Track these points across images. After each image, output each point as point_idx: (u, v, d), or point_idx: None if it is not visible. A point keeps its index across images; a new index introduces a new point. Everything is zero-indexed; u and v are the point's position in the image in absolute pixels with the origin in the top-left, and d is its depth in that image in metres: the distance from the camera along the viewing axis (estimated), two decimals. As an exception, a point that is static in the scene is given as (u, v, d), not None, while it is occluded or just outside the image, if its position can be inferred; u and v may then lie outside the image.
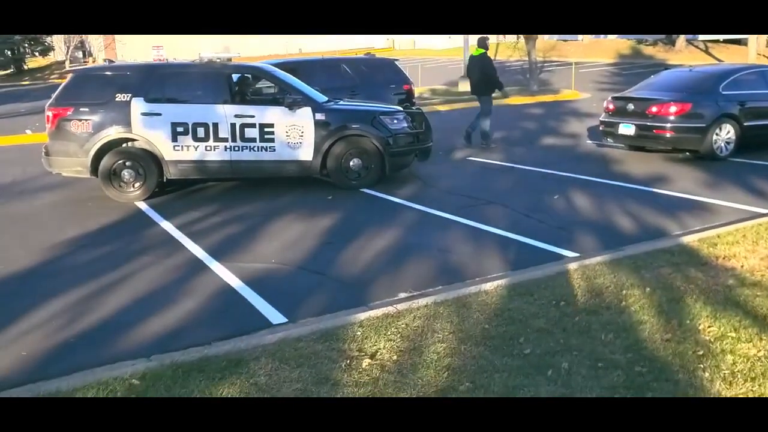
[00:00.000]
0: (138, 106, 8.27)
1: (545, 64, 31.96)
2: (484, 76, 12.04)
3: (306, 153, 8.53)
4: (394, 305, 4.52)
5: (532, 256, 5.69)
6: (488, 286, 4.80)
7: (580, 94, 21.40)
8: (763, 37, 34.25)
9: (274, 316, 4.57)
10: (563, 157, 10.74)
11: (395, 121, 8.81)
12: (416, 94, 21.69)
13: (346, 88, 11.93)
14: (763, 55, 30.85)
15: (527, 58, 23.90)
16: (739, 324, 3.95)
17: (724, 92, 9.98)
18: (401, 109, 9.35)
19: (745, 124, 9.92)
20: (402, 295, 4.88)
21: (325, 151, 8.54)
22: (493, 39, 44.70)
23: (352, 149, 8.63)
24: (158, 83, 8.52)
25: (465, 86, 23.68)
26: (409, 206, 7.77)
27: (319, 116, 8.54)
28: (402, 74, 13.02)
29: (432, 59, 41.22)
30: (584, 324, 4.03)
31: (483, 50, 12.18)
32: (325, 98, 9.09)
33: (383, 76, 12.64)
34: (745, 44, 29.69)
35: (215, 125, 8.34)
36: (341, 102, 9.31)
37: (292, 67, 12.12)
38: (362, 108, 9.22)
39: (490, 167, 10.20)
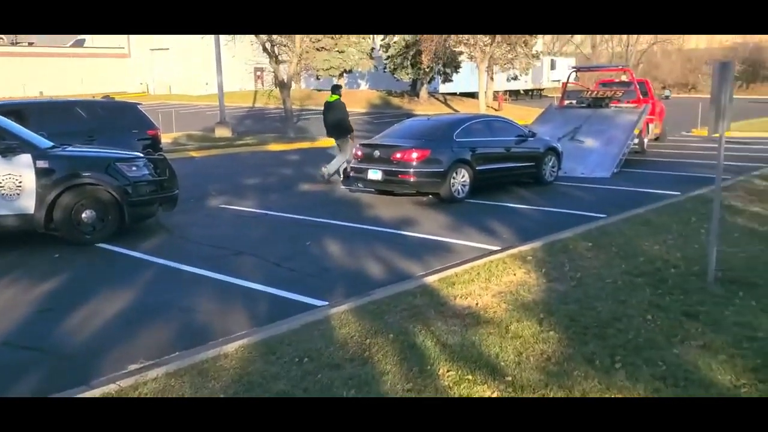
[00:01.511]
0: None
1: (302, 112, 32.73)
2: (338, 120, 12.78)
3: (26, 205, 7.44)
4: (118, 381, 3.91)
5: (280, 309, 5.42)
6: (229, 347, 4.41)
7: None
8: (491, 90, 38.88)
9: (-40, 411, 3.68)
10: (318, 203, 10.79)
11: (134, 168, 8.10)
12: (171, 140, 20.79)
13: (81, 133, 10.85)
14: (492, 107, 34.89)
15: (283, 106, 24.23)
16: (475, 365, 4.04)
17: (457, 139, 10.83)
18: (141, 155, 8.64)
19: (476, 168, 10.83)
20: (131, 367, 4.27)
21: (51, 203, 7.53)
22: (250, 87, 44.75)
23: (83, 200, 7.72)
24: None
25: (222, 132, 23.22)
26: (151, 261, 7.09)
27: (42, 163, 7.53)
28: (146, 119, 12.19)
29: (189, 105, 40.03)
30: (326, 381, 3.82)
31: (337, 96, 13.06)
32: (50, 144, 8.08)
33: (125, 121, 11.74)
34: (477, 97, 33.30)
35: None
36: (70, 148, 8.34)
37: (16, 109, 10.81)
38: (95, 154, 8.36)
39: (244, 215, 9.85)
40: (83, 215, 7.71)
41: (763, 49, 68.02)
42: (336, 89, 13.37)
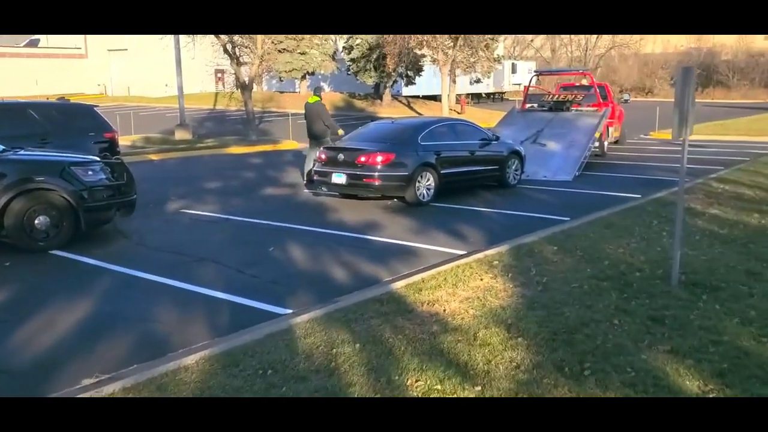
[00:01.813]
0: None
1: (264, 115, 32.39)
2: (320, 121, 12.69)
3: (-26, 211, 7.13)
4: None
5: (243, 318, 5.26)
6: (190, 359, 4.25)
7: (298, 143, 21.86)
8: (454, 93, 39.06)
9: None
10: (280, 207, 10.61)
11: (90, 173, 7.83)
12: (130, 143, 20.33)
13: (34, 136, 10.50)
14: (454, 110, 35.04)
15: (245, 108, 23.88)
16: (444, 375, 3.96)
17: (422, 143, 10.77)
18: (98, 159, 8.37)
19: (441, 172, 10.78)
20: (86, 381, 4.08)
21: (2, 208, 7.24)
22: (211, 89, 44.11)
23: (36, 205, 7.43)
24: None
25: (182, 134, 22.80)
26: (108, 269, 6.84)
27: (-9, 168, 7.23)
28: (103, 121, 11.83)
29: (147, 107, 39.32)
30: (291, 395, 3.69)
31: (318, 98, 12.98)
32: (1, 147, 7.77)
33: (80, 123, 11.38)
34: (440, 100, 33.42)
35: None
36: (22, 152, 8.03)
37: (-35, 111, 10.36)
38: (49, 158, 8.07)
39: (205, 220, 9.61)
40: (36, 221, 7.42)
41: (716, 54, 69.85)
42: (317, 91, 13.43)
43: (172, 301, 5.79)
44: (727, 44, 69.28)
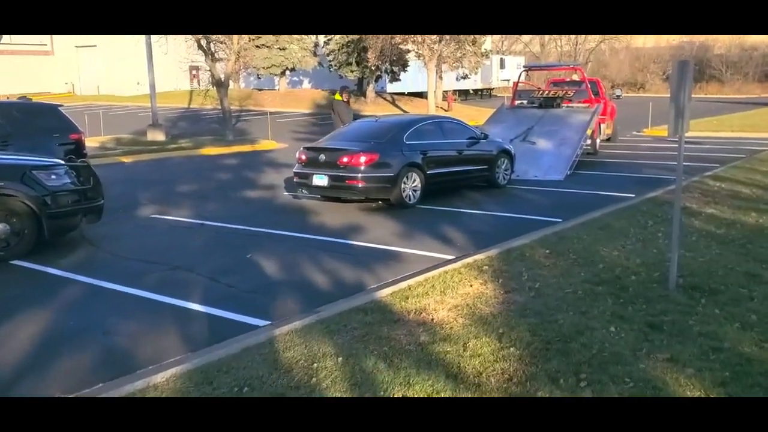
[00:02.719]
0: None
1: (242, 114, 31.88)
2: (338, 116, 14.48)
3: (-71, 219, 6.70)
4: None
5: (218, 331, 4.94)
6: (160, 377, 3.93)
7: (277, 143, 21.49)
8: (440, 90, 38.81)
9: None
10: (259, 211, 10.24)
11: (54, 177, 7.44)
12: (99, 144, 19.79)
13: (-5, 137, 10.00)
14: (441, 108, 34.79)
15: (221, 107, 23.32)
16: (433, 389, 3.69)
17: (407, 142, 10.41)
18: (62, 162, 7.95)
19: (428, 172, 10.44)
20: (43, 405, 3.73)
21: (-42, 216, 6.81)
22: (185, 87, 43.27)
23: (-5, 212, 7.01)
24: None
25: (154, 135, 22.26)
26: (73, 279, 6.46)
27: (-53, 173, 6.79)
28: (68, 121, 11.29)
29: (118, 106, 38.55)
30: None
31: (341, 98, 15.01)
32: (-43, 151, 7.33)
33: (44, 124, 10.85)
34: (426, 97, 33.08)
35: None
36: (-20, 155, 7.60)
37: None
38: (8, 161, 7.64)
39: (178, 225, 9.22)
40: (-5, 229, 7.01)
41: (709, 48, 69.49)
42: (342, 90, 15.02)
43: (142, 313, 5.45)
44: (720, 38, 69.03)
